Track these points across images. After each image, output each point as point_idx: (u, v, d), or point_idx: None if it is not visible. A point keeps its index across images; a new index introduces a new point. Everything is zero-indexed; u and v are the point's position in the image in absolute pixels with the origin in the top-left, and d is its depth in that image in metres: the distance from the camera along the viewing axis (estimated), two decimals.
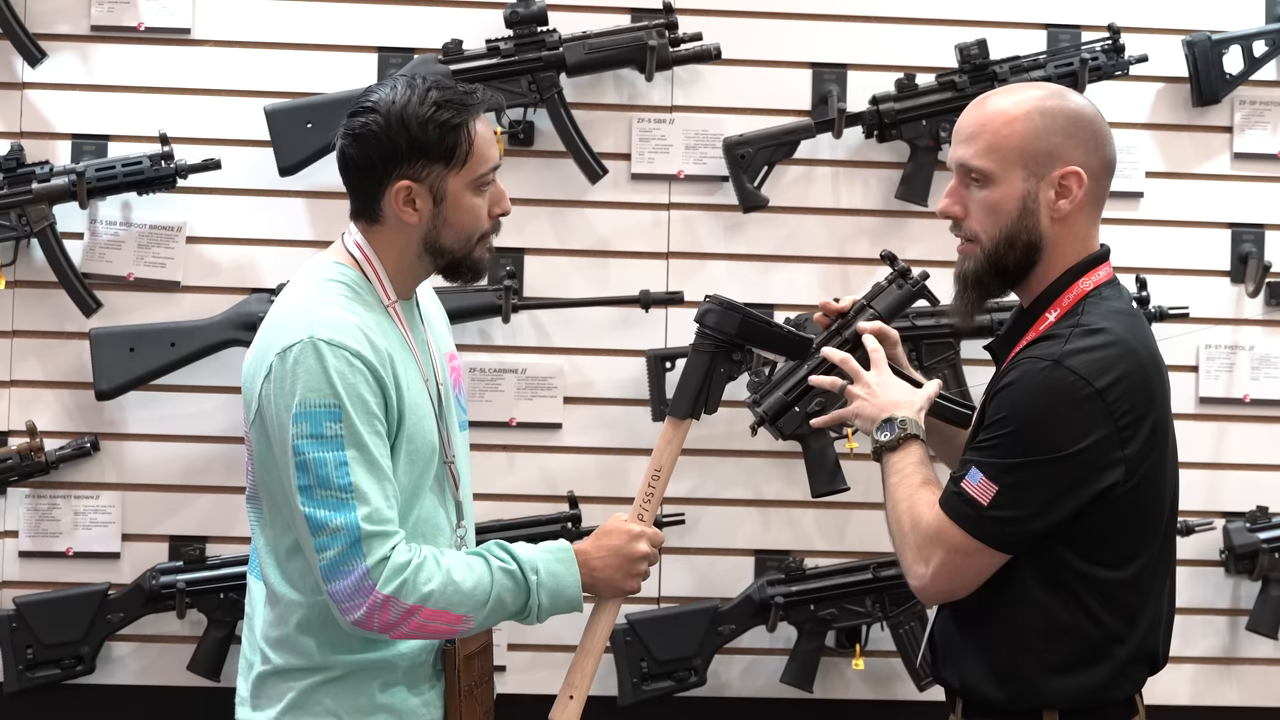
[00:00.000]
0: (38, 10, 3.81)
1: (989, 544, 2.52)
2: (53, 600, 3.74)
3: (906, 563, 2.61)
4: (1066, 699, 2.55)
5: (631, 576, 2.74)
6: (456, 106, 2.63)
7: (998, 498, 2.50)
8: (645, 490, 2.79)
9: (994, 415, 2.54)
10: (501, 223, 2.77)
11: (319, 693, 2.63)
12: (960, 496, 2.53)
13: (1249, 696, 3.96)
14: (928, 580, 2.57)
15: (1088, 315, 2.57)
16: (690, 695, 3.81)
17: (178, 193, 3.76)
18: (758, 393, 3.10)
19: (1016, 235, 2.61)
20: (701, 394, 2.82)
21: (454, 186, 2.65)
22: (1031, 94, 2.64)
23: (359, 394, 2.52)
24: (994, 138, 2.60)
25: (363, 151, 2.63)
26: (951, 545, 2.53)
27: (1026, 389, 2.51)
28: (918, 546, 2.57)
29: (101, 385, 3.71)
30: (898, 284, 2.98)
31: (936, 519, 2.55)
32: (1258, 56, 3.92)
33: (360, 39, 3.86)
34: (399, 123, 2.60)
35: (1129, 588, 2.56)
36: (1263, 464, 3.95)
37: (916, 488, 2.62)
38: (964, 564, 2.54)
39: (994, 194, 2.61)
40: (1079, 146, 2.60)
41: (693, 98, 3.91)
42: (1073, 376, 2.48)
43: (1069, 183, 2.59)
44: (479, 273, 2.74)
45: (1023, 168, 2.58)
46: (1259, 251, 3.94)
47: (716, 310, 2.82)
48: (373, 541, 2.49)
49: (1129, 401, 2.50)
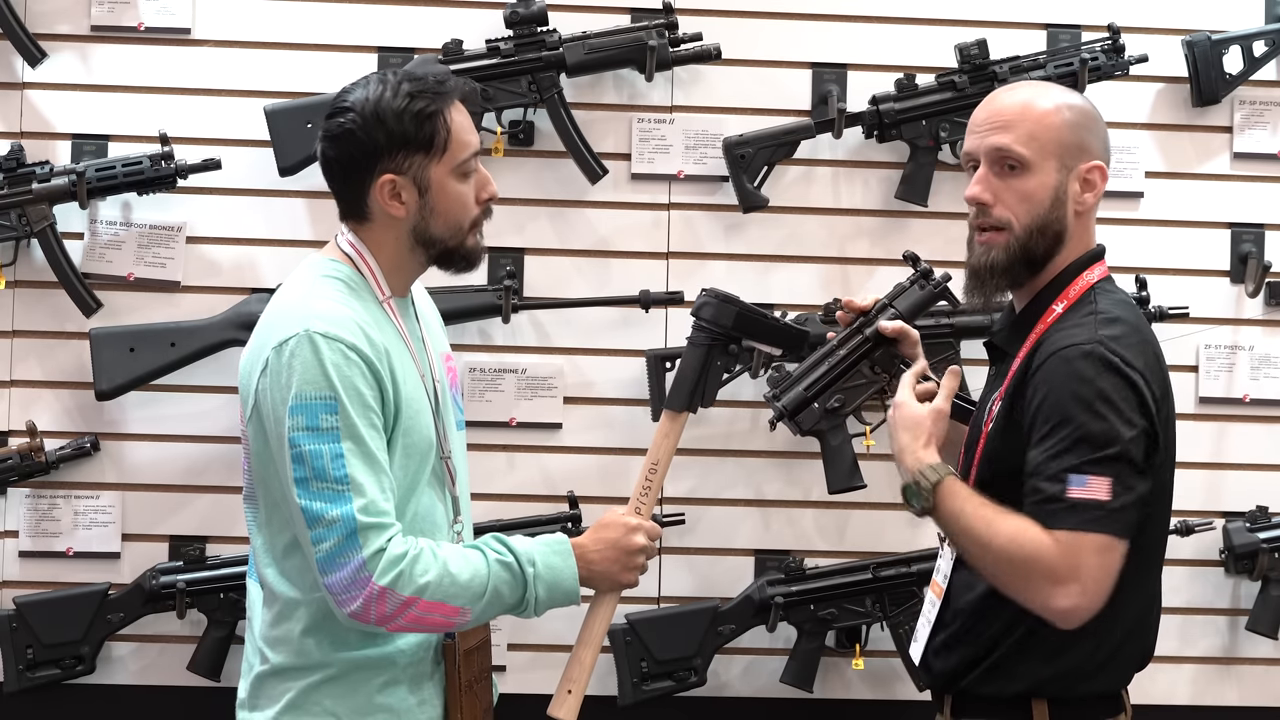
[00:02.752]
0: (38, 10, 3.82)
1: (1123, 535, 2.46)
2: (53, 600, 3.74)
3: (1041, 592, 2.47)
4: (1056, 689, 2.56)
5: (629, 569, 2.74)
6: (430, 95, 2.63)
7: (1115, 487, 2.44)
8: (642, 484, 2.79)
9: (1058, 414, 2.49)
10: (494, 217, 2.77)
11: (318, 693, 2.62)
12: (1077, 506, 2.44)
13: (1249, 696, 3.95)
14: (1085, 596, 2.45)
15: (1102, 304, 2.59)
16: (690, 695, 3.81)
17: (178, 193, 3.77)
18: (777, 388, 3.12)
19: (1048, 225, 2.63)
20: (698, 387, 2.83)
21: (437, 175, 2.65)
22: (1053, 90, 2.69)
23: (354, 386, 2.53)
24: (1035, 126, 2.62)
25: (343, 151, 2.64)
26: (1094, 551, 2.44)
27: (1075, 379, 2.49)
28: (1051, 570, 2.45)
29: (101, 385, 3.72)
30: (920, 284, 2.99)
31: (1059, 537, 2.45)
32: (1258, 56, 3.92)
33: (360, 39, 3.86)
34: (375, 118, 2.61)
35: (1128, 582, 2.55)
36: (1263, 464, 3.95)
37: (994, 518, 2.52)
38: (1110, 563, 2.46)
39: (1030, 182, 2.62)
40: (1099, 142, 2.67)
41: (693, 98, 3.91)
42: (1115, 358, 2.49)
43: (1093, 177, 2.64)
44: (472, 261, 2.74)
45: (1057, 159, 2.62)
46: (1259, 251, 3.94)
47: (712, 303, 2.83)
48: (369, 533, 2.49)
49: (1156, 387, 2.53)
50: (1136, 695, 2.68)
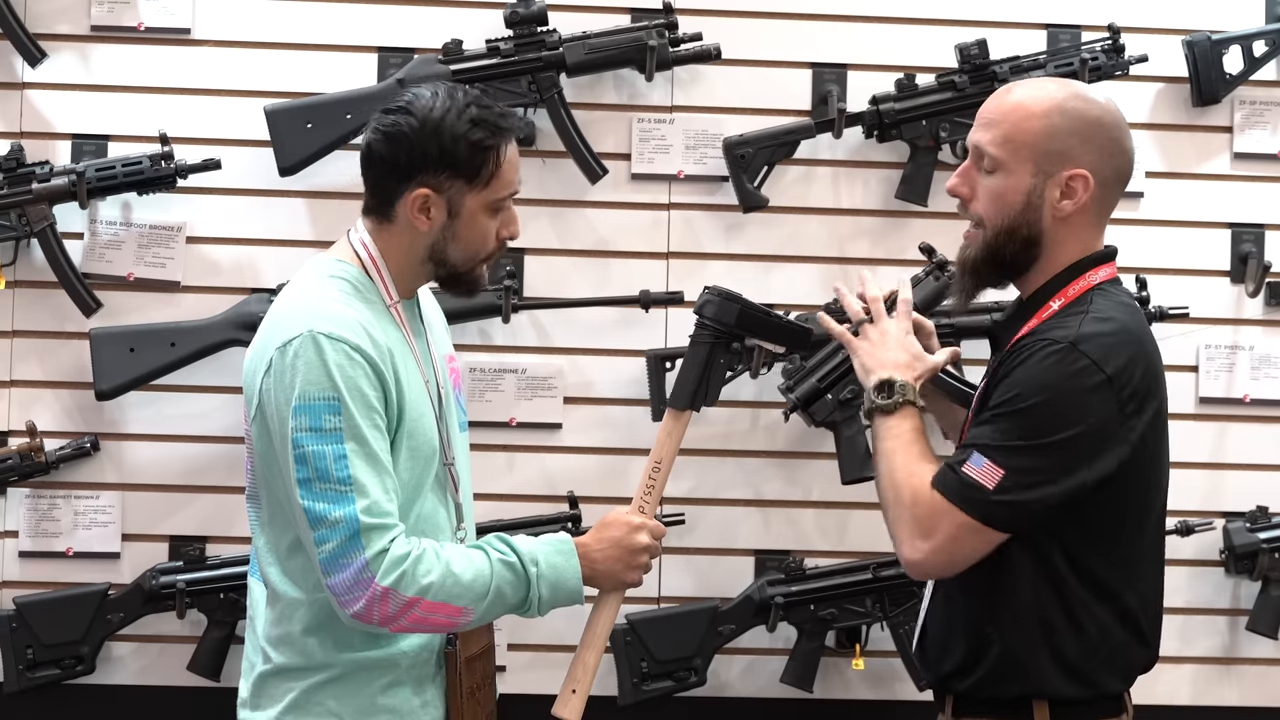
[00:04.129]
0: (38, 10, 3.82)
1: (993, 526, 2.52)
2: (53, 600, 3.74)
3: (901, 535, 2.60)
4: (1056, 689, 2.56)
5: (632, 568, 2.74)
6: (492, 128, 2.63)
7: (1004, 481, 2.49)
8: (646, 483, 2.79)
9: (1001, 397, 2.54)
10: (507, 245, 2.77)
11: (321, 693, 2.62)
12: (963, 481, 2.52)
13: (1249, 696, 3.95)
14: (926, 555, 2.56)
15: (1097, 304, 2.59)
16: (690, 695, 3.81)
17: (178, 193, 3.77)
18: (791, 379, 3.14)
19: (1017, 228, 2.62)
20: (701, 385, 2.83)
21: (471, 204, 2.65)
22: (1058, 93, 2.64)
23: (358, 387, 2.52)
24: (1012, 129, 2.61)
25: (391, 150, 2.63)
26: (955, 524, 2.53)
27: (1038, 371, 2.51)
28: (915, 520, 2.57)
29: (101, 385, 3.71)
30: (934, 276, 3.01)
31: (935, 496, 2.55)
32: (1258, 56, 3.92)
33: (360, 39, 3.86)
34: (433, 131, 2.61)
35: (1121, 581, 2.56)
36: (1263, 464, 3.95)
37: (916, 459, 2.61)
38: (966, 543, 2.54)
39: (1001, 183, 2.62)
40: (1093, 151, 2.61)
41: (693, 98, 3.91)
42: (1085, 360, 2.49)
43: (1075, 185, 2.60)
44: (475, 290, 2.76)
45: (1033, 163, 2.60)
46: (1259, 251, 3.94)
47: (715, 301, 2.83)
48: (372, 534, 2.49)
49: (1133, 389, 2.52)
50: (1137, 695, 2.68)
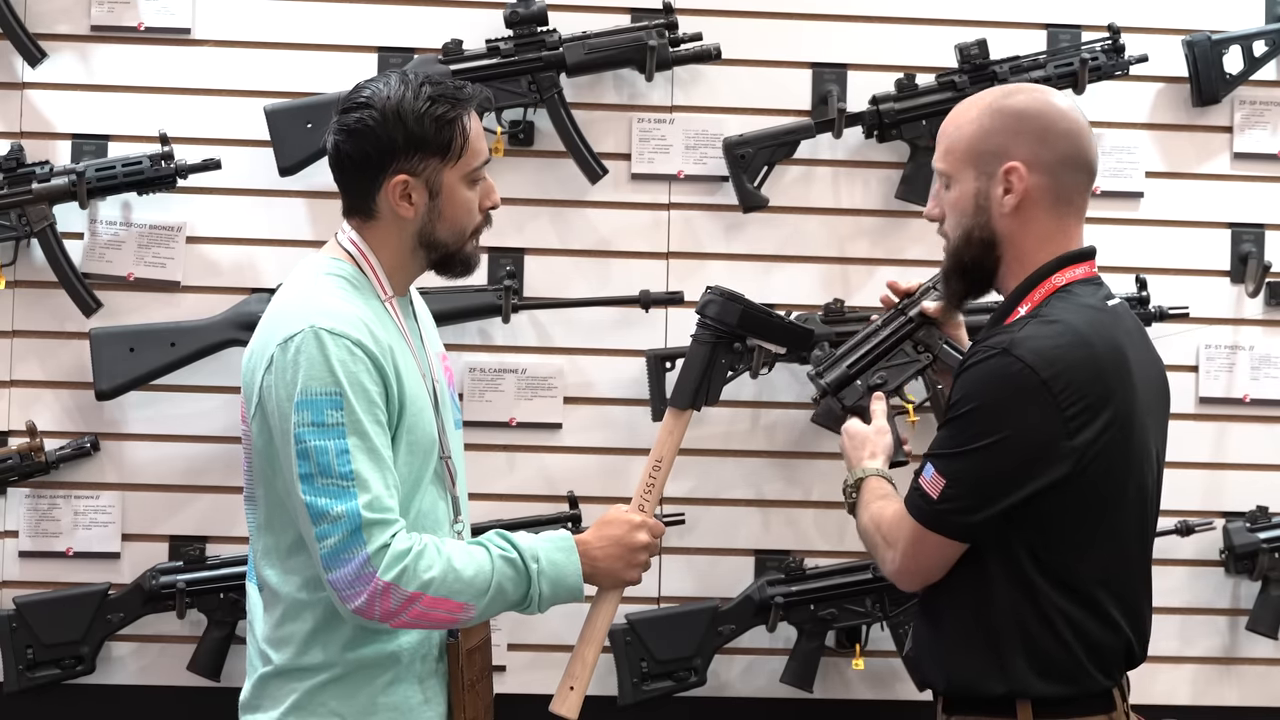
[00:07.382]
0: (38, 10, 3.82)
1: (944, 534, 2.59)
2: (53, 600, 3.74)
3: (879, 555, 2.74)
4: (1036, 689, 2.56)
5: (632, 566, 2.75)
6: (451, 100, 2.65)
7: (945, 490, 2.56)
8: (646, 481, 2.80)
9: (949, 404, 2.62)
10: (494, 218, 2.80)
11: (323, 693, 2.63)
12: (917, 491, 2.62)
13: (1249, 696, 3.95)
14: (898, 565, 2.67)
15: (1049, 308, 2.60)
16: (690, 695, 3.81)
17: (178, 193, 3.76)
18: (819, 366, 3.19)
19: (971, 232, 2.68)
20: (702, 385, 2.84)
21: (449, 180, 2.67)
22: (988, 97, 2.71)
23: (360, 382, 2.53)
24: (950, 141, 2.71)
25: (359, 147, 2.64)
26: (910, 532, 2.63)
27: (973, 376, 2.57)
28: (883, 537, 2.71)
29: (101, 385, 3.71)
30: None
31: (898, 512, 2.68)
32: (1258, 56, 3.92)
33: (360, 39, 3.86)
34: (395, 117, 2.62)
35: (1093, 581, 2.57)
36: (1263, 464, 3.95)
37: (874, 500, 2.80)
38: (923, 550, 2.63)
39: (956, 194, 2.70)
40: (1024, 142, 2.64)
41: (693, 98, 3.91)
42: (1019, 365, 2.51)
43: (1011, 178, 2.64)
44: (470, 267, 2.77)
45: (973, 167, 2.66)
46: (1259, 251, 3.94)
47: (718, 301, 2.84)
48: (373, 529, 2.50)
49: (1078, 392, 2.51)
50: (1137, 695, 2.68)
